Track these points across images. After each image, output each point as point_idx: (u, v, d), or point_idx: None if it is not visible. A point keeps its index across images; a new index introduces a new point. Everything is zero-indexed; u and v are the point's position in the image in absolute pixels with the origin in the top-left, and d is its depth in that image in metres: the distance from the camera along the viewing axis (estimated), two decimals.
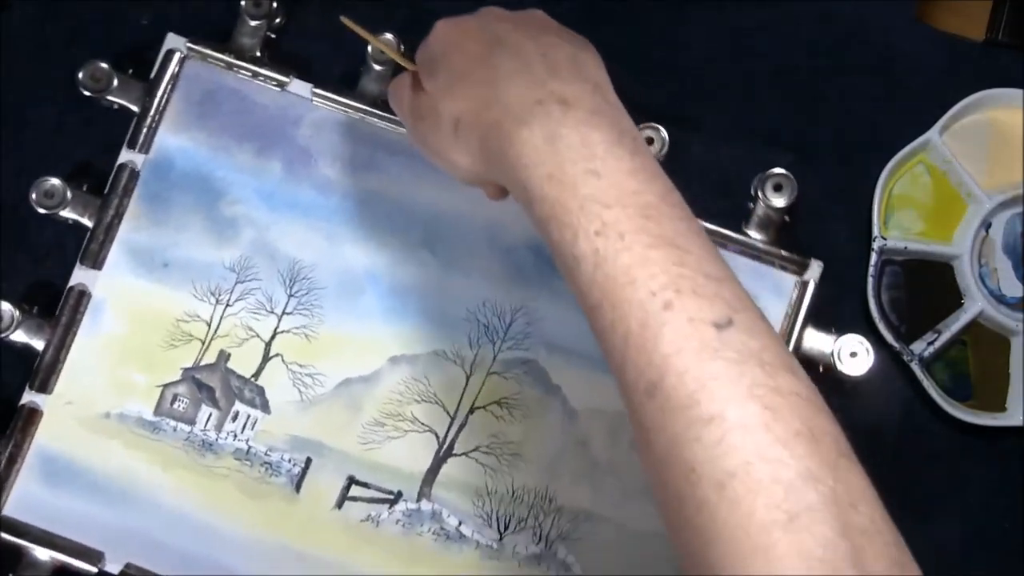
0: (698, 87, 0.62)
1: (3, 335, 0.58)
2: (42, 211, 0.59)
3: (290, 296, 0.59)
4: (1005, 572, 0.59)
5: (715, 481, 0.34)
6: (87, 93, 0.60)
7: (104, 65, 0.60)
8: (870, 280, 0.59)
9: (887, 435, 0.60)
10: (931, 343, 0.59)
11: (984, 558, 0.59)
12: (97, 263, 0.59)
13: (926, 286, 0.60)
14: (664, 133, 0.59)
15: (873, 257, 0.59)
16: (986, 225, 0.60)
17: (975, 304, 0.59)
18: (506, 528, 0.57)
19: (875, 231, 0.59)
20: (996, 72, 0.61)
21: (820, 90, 0.62)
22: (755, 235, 0.59)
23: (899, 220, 0.60)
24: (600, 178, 0.39)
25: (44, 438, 0.58)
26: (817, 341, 0.58)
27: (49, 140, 0.62)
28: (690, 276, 0.37)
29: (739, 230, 0.59)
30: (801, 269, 0.58)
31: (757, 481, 0.34)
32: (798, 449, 0.34)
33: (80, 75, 0.60)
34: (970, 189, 0.60)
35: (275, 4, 0.61)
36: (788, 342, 0.57)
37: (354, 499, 0.58)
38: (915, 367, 0.59)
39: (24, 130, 0.62)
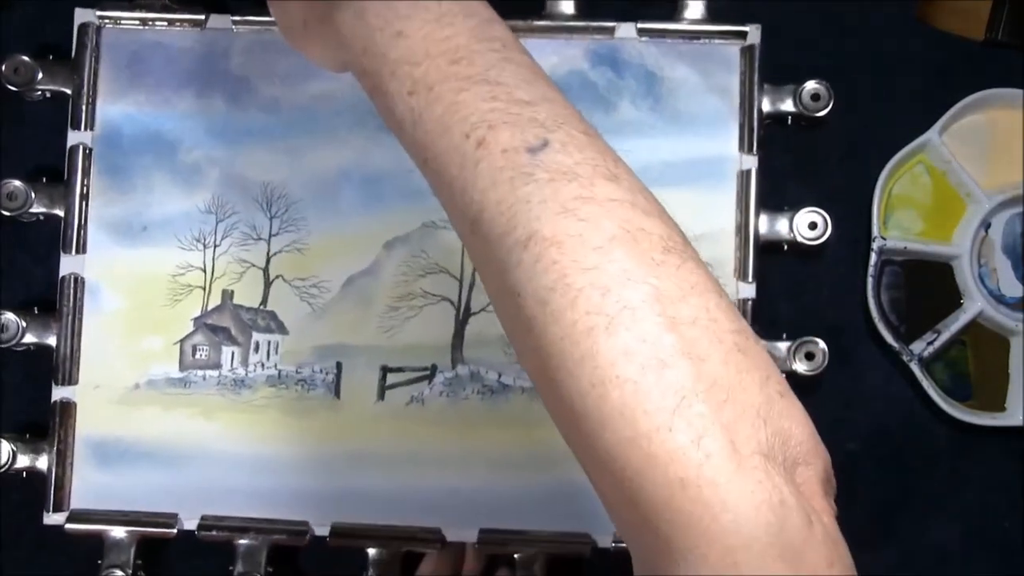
0: None
1: (12, 344, 0.59)
2: (7, 214, 0.60)
3: (272, 218, 0.60)
4: (1005, 572, 0.60)
5: (538, 299, 0.34)
6: (14, 88, 0.60)
7: (25, 57, 0.60)
8: (870, 280, 0.59)
9: (887, 435, 0.60)
10: (931, 343, 0.59)
11: (984, 558, 0.60)
12: (80, 247, 0.60)
13: (926, 286, 0.60)
14: None
15: (873, 257, 0.59)
16: (986, 225, 0.60)
17: (975, 304, 0.59)
18: None
19: (875, 231, 0.59)
20: (996, 72, 0.60)
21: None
22: (691, 16, 0.59)
23: (899, 220, 0.61)
24: (406, 37, 0.38)
25: (85, 427, 0.59)
26: (776, 100, 0.59)
27: (49, 139, 0.62)
28: (502, 108, 0.37)
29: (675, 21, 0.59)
30: (741, 37, 0.59)
31: (576, 290, 0.34)
32: (614, 253, 0.34)
33: (3, 68, 0.60)
34: (970, 189, 0.60)
35: None
36: (749, 107, 0.58)
37: (393, 386, 0.59)
38: (915, 367, 0.59)
39: (24, 129, 0.63)
